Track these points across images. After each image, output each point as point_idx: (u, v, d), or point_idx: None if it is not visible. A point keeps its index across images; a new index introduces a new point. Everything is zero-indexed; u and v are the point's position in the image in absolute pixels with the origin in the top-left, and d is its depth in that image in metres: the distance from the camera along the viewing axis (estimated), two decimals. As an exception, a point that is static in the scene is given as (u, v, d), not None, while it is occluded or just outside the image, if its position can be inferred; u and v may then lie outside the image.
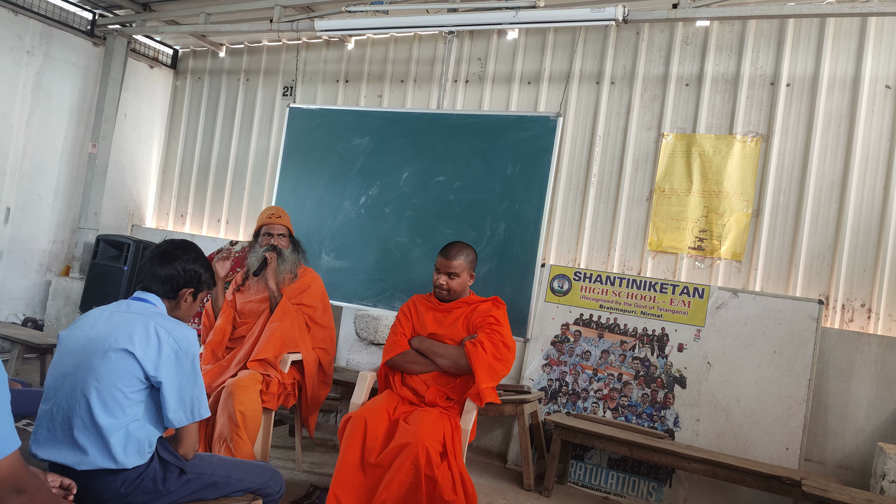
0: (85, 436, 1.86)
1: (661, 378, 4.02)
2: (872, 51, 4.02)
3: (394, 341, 3.16)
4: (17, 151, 5.66)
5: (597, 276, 4.33)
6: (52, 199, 5.99)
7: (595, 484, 4.04)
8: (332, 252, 4.95)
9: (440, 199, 4.63)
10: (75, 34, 5.96)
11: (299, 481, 3.46)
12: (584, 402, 4.18)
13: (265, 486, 2.24)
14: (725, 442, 3.81)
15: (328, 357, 3.58)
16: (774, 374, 3.78)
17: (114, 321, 1.97)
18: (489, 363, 2.93)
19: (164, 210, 6.71)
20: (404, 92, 5.48)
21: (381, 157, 4.88)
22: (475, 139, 4.58)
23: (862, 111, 4.01)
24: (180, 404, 1.95)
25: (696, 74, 4.47)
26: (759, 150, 4.24)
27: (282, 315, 3.39)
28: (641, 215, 4.54)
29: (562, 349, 4.32)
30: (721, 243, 4.27)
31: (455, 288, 3.15)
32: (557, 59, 4.92)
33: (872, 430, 3.70)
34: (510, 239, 4.38)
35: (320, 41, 5.87)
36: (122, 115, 6.34)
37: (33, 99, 5.71)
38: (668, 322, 4.08)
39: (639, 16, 4.05)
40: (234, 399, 2.98)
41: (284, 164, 5.24)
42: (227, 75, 6.45)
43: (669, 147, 4.48)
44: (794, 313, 3.81)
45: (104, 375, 1.88)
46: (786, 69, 4.22)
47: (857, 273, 3.95)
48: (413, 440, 2.63)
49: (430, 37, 5.41)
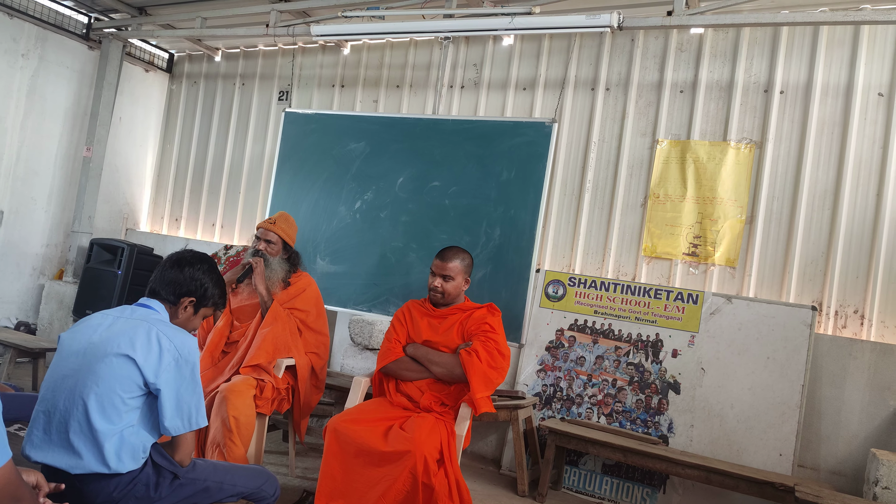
0: (80, 439, 1.85)
1: (656, 384, 4.03)
2: (865, 59, 4.05)
3: (388, 348, 3.16)
4: (11, 155, 5.64)
5: (591, 281, 4.34)
6: (45, 203, 5.97)
7: (589, 490, 4.04)
8: (326, 257, 4.95)
9: (435, 204, 4.64)
10: (71, 38, 5.95)
11: (292, 486, 3.45)
12: (579, 407, 4.18)
13: (259, 490, 2.23)
14: (719, 448, 3.81)
15: (320, 362, 3.57)
16: (768, 379, 3.79)
17: (116, 326, 1.97)
18: (484, 372, 2.92)
19: (158, 214, 6.70)
20: (400, 97, 5.49)
21: (376, 161, 4.89)
22: (470, 144, 4.59)
23: (855, 119, 4.04)
24: (178, 412, 1.94)
25: (691, 81, 4.49)
26: (752, 157, 4.27)
27: (273, 320, 3.38)
28: (636, 221, 4.56)
29: (556, 355, 4.32)
30: (715, 249, 4.28)
31: (450, 291, 3.14)
32: (553, 65, 4.94)
33: (865, 436, 3.71)
34: (505, 244, 4.39)
35: (316, 46, 5.88)
36: (118, 118, 6.33)
37: (28, 102, 5.69)
38: (663, 328, 4.09)
39: (633, 23, 4.07)
40: (227, 404, 2.97)
41: (280, 168, 5.24)
42: (222, 79, 6.45)
43: (664, 153, 4.50)
44: (788, 319, 3.82)
45: (104, 380, 1.87)
46: (779, 77, 4.25)
47: (850, 279, 3.97)
48: (412, 448, 2.62)
49: (425, 42, 5.43)
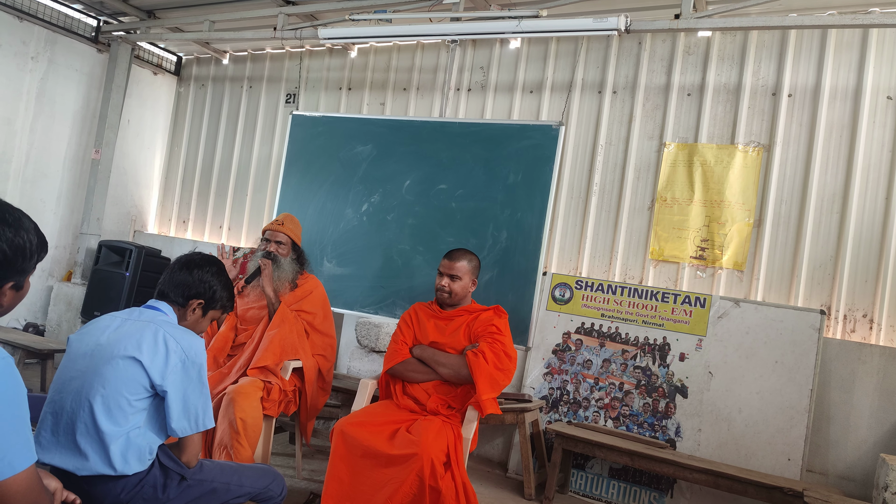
0: (87, 441, 1.86)
1: (663, 387, 4.01)
2: (874, 62, 4.03)
3: (395, 350, 3.16)
4: (21, 157, 5.67)
5: (598, 284, 4.33)
6: (54, 205, 6.01)
7: (596, 493, 4.03)
8: (333, 259, 4.95)
9: (442, 206, 4.64)
10: (80, 41, 5.99)
11: (299, 489, 3.45)
12: (586, 411, 4.17)
13: (266, 490, 2.24)
14: (727, 452, 3.79)
15: (327, 364, 3.57)
16: (776, 384, 3.77)
17: (124, 328, 1.97)
18: (490, 373, 2.92)
19: (166, 216, 6.73)
20: (407, 100, 5.50)
21: (383, 164, 4.89)
22: (477, 147, 4.59)
23: (863, 122, 4.02)
24: (184, 414, 1.94)
25: (698, 84, 4.48)
26: (760, 160, 4.25)
27: (280, 321, 3.38)
28: (643, 224, 4.55)
29: (563, 358, 4.31)
30: (723, 253, 4.27)
31: (457, 291, 3.14)
32: (560, 68, 4.94)
33: (875, 441, 3.69)
34: (512, 247, 4.38)
35: (323, 49, 5.90)
36: (126, 121, 6.36)
37: (37, 105, 5.73)
38: (670, 331, 4.07)
39: (641, 26, 4.07)
40: (234, 406, 2.97)
41: (287, 170, 5.25)
42: (230, 82, 6.47)
43: (671, 156, 4.49)
44: (796, 323, 3.80)
45: (110, 382, 1.88)
46: (787, 80, 4.24)
47: (858, 283, 3.95)
48: (418, 451, 2.61)
49: (432, 45, 5.44)
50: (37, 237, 1.52)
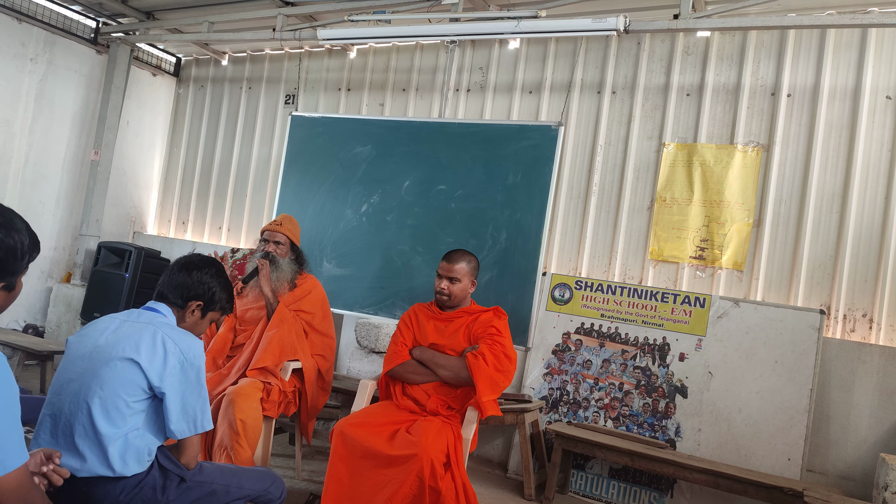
0: (85, 442, 1.85)
1: (663, 387, 4.01)
2: (873, 62, 4.03)
3: (394, 351, 3.15)
4: (20, 158, 5.67)
5: (598, 285, 4.33)
6: (54, 206, 6.00)
7: (596, 494, 4.03)
8: (333, 260, 4.95)
9: (441, 207, 4.64)
10: (79, 42, 5.99)
11: (299, 490, 3.45)
12: (585, 411, 4.17)
13: (265, 492, 2.24)
14: (727, 452, 3.79)
15: (326, 364, 3.57)
16: (776, 383, 3.77)
17: (123, 330, 1.97)
18: (490, 375, 2.91)
19: (165, 217, 6.72)
20: (406, 100, 5.50)
21: (382, 165, 4.89)
22: (476, 148, 4.59)
23: (863, 122, 4.02)
24: (183, 415, 1.94)
25: (697, 84, 4.48)
26: (759, 160, 4.25)
27: (279, 322, 3.38)
28: (642, 224, 4.54)
29: (563, 358, 4.31)
30: (722, 253, 4.27)
31: (456, 293, 3.14)
32: (559, 68, 4.94)
33: (875, 440, 3.69)
34: (511, 247, 4.38)
35: (322, 50, 5.90)
36: (125, 122, 6.36)
37: (36, 106, 5.73)
38: (670, 331, 4.07)
39: (640, 26, 4.07)
40: (234, 407, 2.97)
41: (286, 171, 5.25)
42: (229, 83, 6.47)
43: (670, 156, 4.49)
44: (796, 323, 3.80)
45: (108, 383, 1.87)
46: (786, 79, 4.24)
47: (858, 283, 3.95)
48: (418, 452, 2.61)
49: (431, 46, 5.44)
50: (28, 237, 1.51)
